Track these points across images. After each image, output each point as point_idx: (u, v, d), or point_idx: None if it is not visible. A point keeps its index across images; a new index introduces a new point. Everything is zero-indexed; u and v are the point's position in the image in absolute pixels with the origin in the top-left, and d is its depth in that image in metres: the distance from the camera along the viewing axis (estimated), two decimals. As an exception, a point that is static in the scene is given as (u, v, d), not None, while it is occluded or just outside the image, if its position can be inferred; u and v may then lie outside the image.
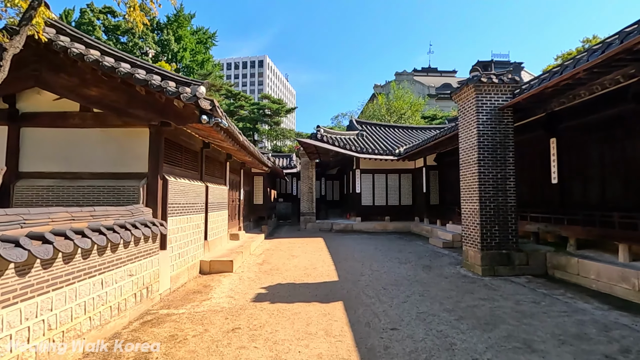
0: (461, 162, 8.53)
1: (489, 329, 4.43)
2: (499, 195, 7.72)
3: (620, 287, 5.87)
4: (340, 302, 5.62)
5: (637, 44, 4.78)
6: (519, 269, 7.52)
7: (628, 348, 3.86)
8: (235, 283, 6.93)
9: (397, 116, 34.00)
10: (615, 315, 4.97)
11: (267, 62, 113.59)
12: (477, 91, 7.82)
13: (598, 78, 6.22)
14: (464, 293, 6.15)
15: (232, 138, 7.62)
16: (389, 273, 7.84)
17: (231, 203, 12.26)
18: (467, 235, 8.23)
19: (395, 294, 6.12)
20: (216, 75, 37.41)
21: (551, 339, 4.12)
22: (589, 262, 6.59)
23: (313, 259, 9.56)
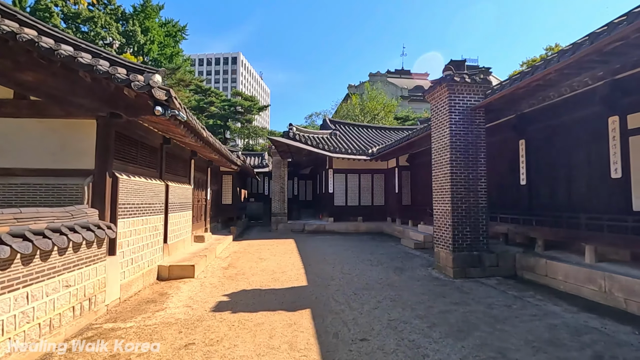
0: (433, 162, 8.41)
1: (463, 337, 4.22)
2: (471, 196, 7.65)
3: (587, 288, 5.90)
4: (308, 310, 5.26)
5: (607, 44, 4.75)
6: (490, 270, 7.47)
7: (600, 354, 3.75)
8: (195, 290, 6.40)
9: (371, 116, 34.11)
10: (584, 317, 4.92)
11: (241, 59, 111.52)
12: (450, 91, 7.71)
13: (567, 80, 6.22)
14: (436, 297, 5.96)
15: (194, 133, 7.08)
16: (360, 276, 7.57)
17: (196, 203, 11.60)
18: (439, 236, 8.11)
19: (366, 299, 5.83)
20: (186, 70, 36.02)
21: (525, 347, 3.95)
22: (557, 263, 6.61)
23: (282, 262, 9.14)
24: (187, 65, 37.13)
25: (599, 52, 4.98)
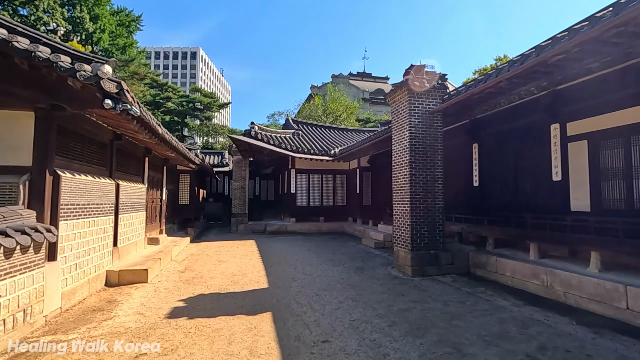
0: (394, 163, 8.62)
1: (421, 334, 4.34)
2: (429, 197, 7.94)
3: (532, 283, 6.33)
4: (269, 313, 5.15)
5: (550, 57, 5.13)
6: (446, 268, 7.79)
7: (544, 345, 4.03)
8: (148, 296, 6.02)
9: (333, 117, 34.42)
10: (530, 311, 5.27)
11: (201, 54, 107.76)
12: (410, 94, 7.94)
13: (516, 88, 6.66)
14: (395, 296, 6.10)
15: (149, 129, 6.67)
16: (322, 277, 7.56)
17: (151, 203, 10.98)
18: (398, 236, 8.33)
19: (327, 300, 5.83)
20: (140, 62, 34.09)
21: (478, 341, 4.15)
22: (505, 260, 7.04)
23: (242, 264, 8.90)
24: (141, 57, 35.16)
25: (544, 64, 5.37)
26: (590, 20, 4.67)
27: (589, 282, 5.35)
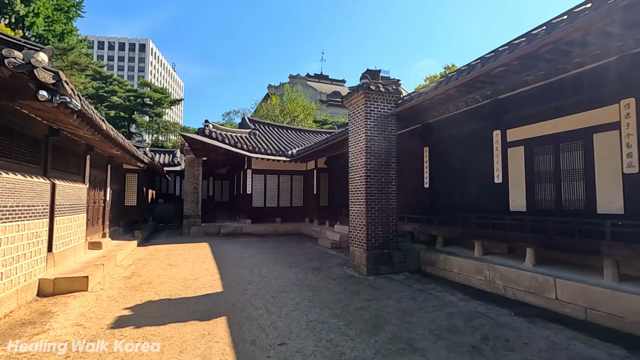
0: (350, 165, 8.79)
1: (376, 332, 4.46)
2: (383, 198, 8.19)
3: (476, 278, 6.78)
4: (224, 318, 4.99)
5: (493, 68, 5.53)
6: (398, 266, 8.09)
7: (487, 336, 4.33)
8: (89, 305, 5.56)
9: (291, 118, 34.31)
10: (474, 304, 5.64)
11: (151, 47, 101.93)
12: (367, 98, 8.15)
13: (463, 96, 7.09)
14: (351, 295, 6.21)
15: (91, 125, 6.16)
16: (278, 278, 7.48)
17: (93, 205, 10.16)
18: (354, 236, 8.50)
19: (284, 302, 5.78)
20: (81, 52, 31.39)
21: (429, 335, 4.35)
22: (453, 257, 7.47)
23: (195, 268, 8.54)
24: (83, 46, 32.36)
25: (487, 75, 5.78)
26: (527, 37, 5.11)
27: (525, 276, 5.84)
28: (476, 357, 3.78)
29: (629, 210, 5.26)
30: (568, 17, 4.41)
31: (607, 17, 3.82)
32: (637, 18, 3.92)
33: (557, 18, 4.83)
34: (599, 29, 4.13)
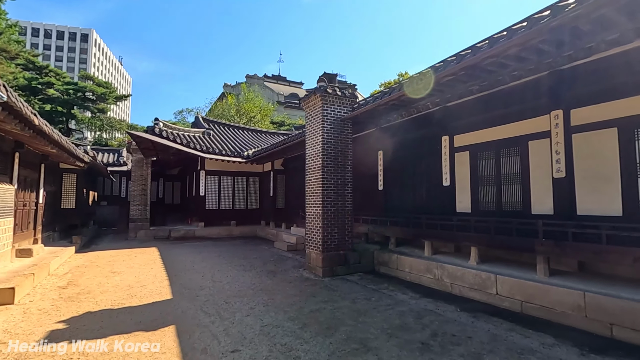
0: (307, 167, 8.80)
1: (331, 334, 4.48)
2: (339, 200, 8.29)
3: (426, 277, 7.09)
4: (173, 327, 4.72)
5: (442, 77, 5.84)
6: (353, 267, 8.23)
7: (436, 332, 4.54)
8: (15, 320, 4.98)
9: (247, 118, 33.63)
10: (424, 302, 5.89)
11: (94, 37, 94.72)
12: (324, 101, 8.21)
13: (415, 102, 7.40)
14: (307, 297, 6.20)
15: (20, 119, 5.55)
16: (232, 283, 7.27)
17: (22, 208, 9.16)
18: (310, 238, 8.51)
19: (238, 307, 5.62)
20: (11, 38, 28.32)
21: (382, 334, 4.46)
22: (405, 257, 7.75)
23: (142, 275, 8.03)
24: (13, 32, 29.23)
25: (437, 83, 6.08)
26: (472, 49, 5.46)
27: (470, 273, 6.22)
28: (425, 353, 3.94)
29: (557, 211, 5.81)
30: (507, 33, 4.78)
31: (538, 35, 4.20)
32: (564, 38, 4.35)
33: (498, 34, 5.22)
34: (532, 46, 4.52)
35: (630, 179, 5.06)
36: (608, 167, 5.29)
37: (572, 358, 3.79)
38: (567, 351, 3.95)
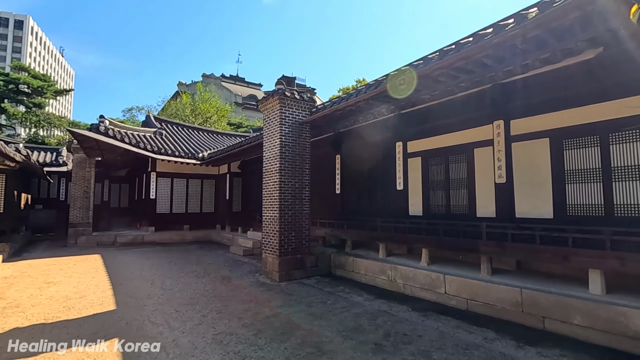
0: (264, 170, 8.68)
1: (286, 339, 4.43)
2: (297, 204, 8.27)
3: (380, 278, 7.28)
4: (115, 340, 4.40)
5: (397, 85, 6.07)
6: (310, 270, 8.24)
7: (389, 332, 4.66)
8: None
9: (203, 119, 32.51)
10: (378, 303, 6.04)
11: (31, 25, 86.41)
12: (282, 104, 8.17)
13: (371, 108, 7.62)
14: (262, 303, 6.09)
15: None
16: (184, 290, 6.95)
17: (-64, 212, 8.05)
18: (267, 242, 8.39)
19: (189, 315, 5.37)
20: None
21: (337, 337, 4.49)
22: (360, 259, 7.90)
23: (81, 285, 7.41)
24: None
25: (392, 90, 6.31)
26: (424, 60, 5.74)
27: (421, 274, 6.48)
28: (378, 353, 4.03)
29: (499, 213, 6.26)
30: (455, 47, 5.09)
31: (482, 50, 4.51)
32: (505, 54, 4.72)
33: (448, 46, 5.53)
34: (477, 60, 4.85)
35: (560, 185, 5.59)
36: (541, 174, 5.81)
37: (510, 350, 4.08)
38: (506, 344, 4.25)
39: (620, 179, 5.01)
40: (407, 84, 5.79)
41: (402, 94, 6.58)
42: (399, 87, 6.04)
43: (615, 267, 4.44)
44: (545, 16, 3.74)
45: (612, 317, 4.15)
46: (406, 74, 5.68)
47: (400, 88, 6.06)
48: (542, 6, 3.87)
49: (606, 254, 4.48)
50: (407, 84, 5.82)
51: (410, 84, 5.73)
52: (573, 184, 5.48)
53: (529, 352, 4.04)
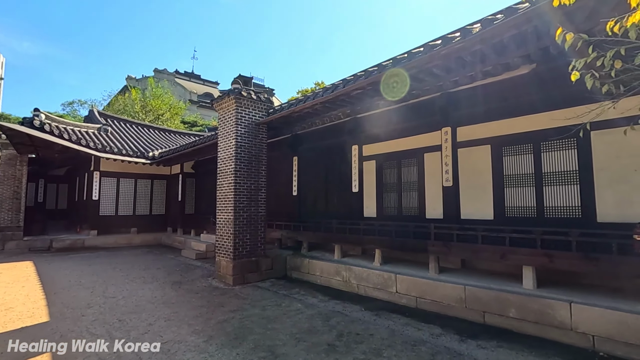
0: (219, 171, 8.44)
1: (238, 344, 4.33)
2: (252, 206, 8.13)
3: (335, 279, 7.38)
4: (47, 355, 4.02)
5: (352, 90, 6.20)
6: (266, 273, 8.13)
7: (342, 333, 4.74)
8: None
9: (154, 116, 30.83)
10: (333, 304, 6.11)
11: (-49, 3, 76.53)
12: (238, 103, 8.00)
13: (328, 111, 7.70)
14: (215, 308, 5.90)
15: None
16: (129, 298, 6.53)
17: None
18: (221, 245, 8.15)
19: (134, 325, 5.06)
20: None
21: (290, 340, 4.48)
22: (316, 261, 7.96)
23: (8, 295, 6.68)
24: None
25: (347, 95, 6.44)
26: (379, 67, 5.92)
27: (374, 274, 6.67)
28: (331, 354, 4.07)
29: (446, 215, 6.63)
30: (407, 55, 5.32)
31: (432, 60, 4.77)
32: (452, 65, 5.02)
33: (400, 55, 5.77)
34: (427, 69, 5.11)
35: (499, 188, 6.06)
36: (484, 178, 6.26)
37: (454, 345, 4.33)
38: (450, 339, 4.50)
39: (549, 183, 5.54)
40: (361, 89, 5.94)
41: (357, 99, 6.75)
42: (354, 92, 6.18)
43: (545, 264, 4.89)
44: (486, 32, 4.04)
45: (541, 309, 4.56)
46: (361, 80, 5.83)
47: (355, 93, 6.21)
48: (484, 23, 4.18)
49: (537, 252, 4.93)
50: (361, 89, 5.97)
51: (365, 89, 5.89)
52: (511, 188, 5.96)
53: (470, 345, 4.32)
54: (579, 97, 4.63)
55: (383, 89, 6.11)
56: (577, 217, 5.25)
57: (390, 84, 5.79)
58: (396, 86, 5.96)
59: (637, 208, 4.69)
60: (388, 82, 5.67)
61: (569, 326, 4.31)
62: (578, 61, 2.65)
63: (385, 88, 6.04)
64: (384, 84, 5.74)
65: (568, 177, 5.38)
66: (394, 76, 5.42)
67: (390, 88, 6.06)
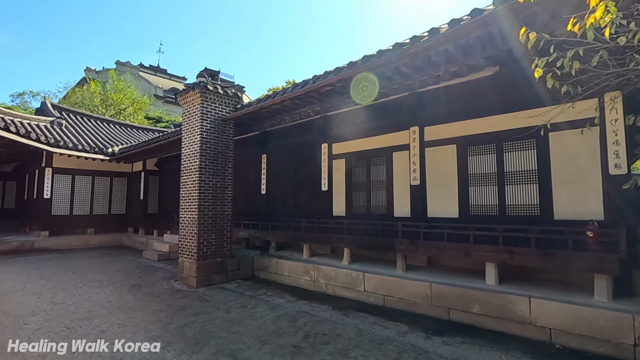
0: (183, 168, 8.06)
1: (198, 349, 4.10)
2: (218, 204, 7.83)
3: (303, 279, 7.26)
4: (-21, 370, 3.60)
5: (321, 86, 6.11)
6: (232, 274, 7.86)
7: (309, 334, 4.62)
8: None
9: (116, 111, 29.20)
10: (300, 305, 5.98)
11: None
12: (203, 98, 7.68)
13: (297, 108, 7.57)
14: (175, 312, 5.59)
15: None
16: (80, 303, 6.05)
17: None
18: (184, 245, 7.79)
19: (84, 332, 4.67)
20: None
21: (255, 343, 4.30)
22: (284, 261, 7.79)
23: (-61, 303, 5.99)
24: None
25: (317, 91, 6.35)
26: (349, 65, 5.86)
27: (342, 273, 6.61)
28: (297, 356, 3.95)
29: (413, 214, 6.70)
30: (377, 53, 5.30)
31: (400, 59, 4.77)
32: (420, 64, 5.05)
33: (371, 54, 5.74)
34: (395, 68, 5.11)
35: (464, 187, 6.19)
36: (449, 177, 6.37)
37: (420, 342, 4.34)
38: (416, 337, 4.51)
39: (511, 182, 5.72)
40: (331, 85, 5.86)
41: (327, 96, 6.67)
42: (323, 89, 6.09)
43: (506, 260, 5.03)
44: (453, 32, 4.07)
45: (503, 305, 4.68)
46: (330, 77, 5.74)
47: (325, 90, 6.12)
48: (451, 23, 4.21)
49: (499, 249, 5.06)
50: (331, 86, 5.89)
51: (334, 86, 5.81)
52: (475, 187, 6.11)
53: (435, 342, 4.34)
54: (540, 99, 4.81)
55: (352, 87, 6.06)
56: (536, 214, 5.45)
57: (359, 81, 5.75)
58: (365, 84, 5.94)
59: (590, 206, 4.93)
60: (357, 79, 5.62)
61: (529, 320, 4.45)
62: (540, 60, 2.69)
63: (355, 86, 6.00)
64: (353, 81, 5.69)
65: (528, 177, 5.59)
66: (363, 74, 5.39)
67: (359, 86, 6.02)
